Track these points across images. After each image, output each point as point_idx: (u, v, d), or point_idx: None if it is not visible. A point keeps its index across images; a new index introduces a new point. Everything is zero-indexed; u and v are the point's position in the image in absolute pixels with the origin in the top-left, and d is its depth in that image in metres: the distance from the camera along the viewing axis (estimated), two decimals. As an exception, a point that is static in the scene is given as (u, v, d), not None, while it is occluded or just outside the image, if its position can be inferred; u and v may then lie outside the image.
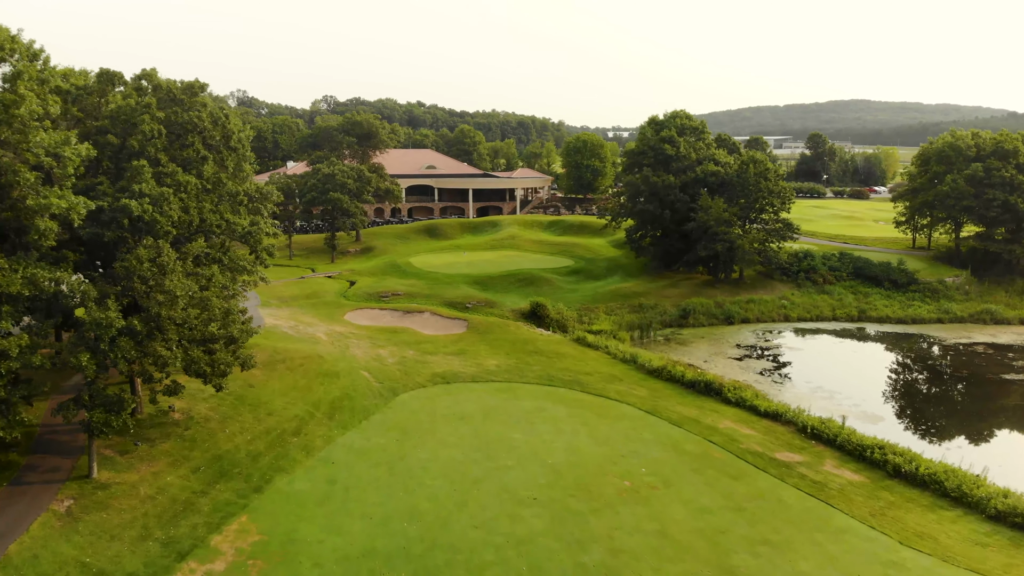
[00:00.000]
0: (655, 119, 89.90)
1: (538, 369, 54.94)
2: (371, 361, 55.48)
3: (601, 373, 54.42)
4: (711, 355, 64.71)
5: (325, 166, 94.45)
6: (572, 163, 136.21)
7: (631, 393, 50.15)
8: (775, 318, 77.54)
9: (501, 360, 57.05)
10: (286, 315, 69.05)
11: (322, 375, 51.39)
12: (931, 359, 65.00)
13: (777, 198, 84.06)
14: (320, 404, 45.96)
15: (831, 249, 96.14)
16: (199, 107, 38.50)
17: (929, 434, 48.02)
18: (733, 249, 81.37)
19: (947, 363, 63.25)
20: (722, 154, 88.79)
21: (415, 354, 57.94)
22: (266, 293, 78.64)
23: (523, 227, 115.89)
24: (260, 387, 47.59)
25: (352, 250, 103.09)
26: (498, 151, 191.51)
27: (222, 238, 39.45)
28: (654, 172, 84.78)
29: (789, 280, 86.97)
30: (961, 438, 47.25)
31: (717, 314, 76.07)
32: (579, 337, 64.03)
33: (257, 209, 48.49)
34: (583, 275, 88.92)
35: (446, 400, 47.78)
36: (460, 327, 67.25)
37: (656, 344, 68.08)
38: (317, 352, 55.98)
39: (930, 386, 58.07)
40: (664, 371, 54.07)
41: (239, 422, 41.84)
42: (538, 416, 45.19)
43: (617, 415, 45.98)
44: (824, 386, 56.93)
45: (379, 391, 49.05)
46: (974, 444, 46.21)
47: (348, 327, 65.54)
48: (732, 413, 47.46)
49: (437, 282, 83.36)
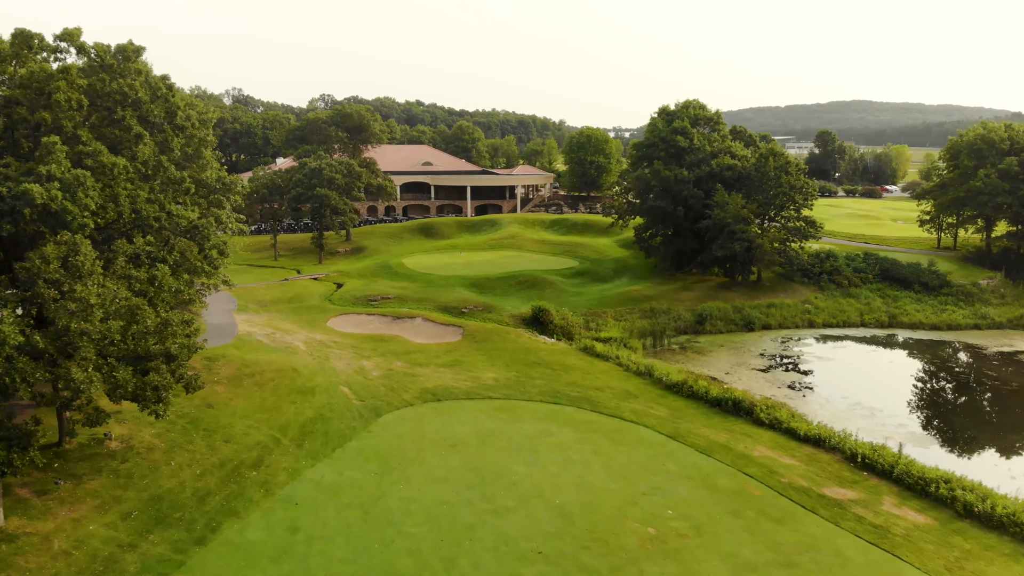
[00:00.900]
0: (666, 109, 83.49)
1: (542, 384, 48.49)
2: (353, 375, 49.03)
3: (613, 388, 47.95)
4: (733, 366, 58.27)
5: (312, 160, 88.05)
6: (575, 159, 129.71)
7: (649, 413, 43.67)
8: (799, 324, 71.11)
9: (500, 373, 50.62)
10: (263, 321, 62.61)
11: (295, 392, 44.97)
12: (976, 370, 58.51)
13: (799, 193, 77.60)
14: (289, 428, 39.49)
15: (851, 249, 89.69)
16: (133, 75, 32.06)
17: (994, 461, 41.58)
18: (752, 249, 75.00)
19: (994, 374, 56.80)
20: (738, 147, 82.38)
21: (403, 366, 51.48)
22: (245, 297, 72.27)
23: (524, 226, 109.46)
24: (220, 407, 41.13)
25: (341, 250, 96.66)
26: (498, 148, 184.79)
27: (166, 234, 32.94)
28: (665, 166, 78.35)
29: (811, 282, 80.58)
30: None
31: (736, 320, 69.64)
32: (586, 346, 57.58)
33: (219, 202, 42.11)
34: (589, 277, 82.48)
35: (436, 422, 41.30)
36: (455, 334, 60.80)
37: (671, 353, 61.60)
38: (292, 364, 49.55)
39: (982, 401, 51.64)
40: (685, 386, 47.60)
41: (189, 452, 35.36)
42: (543, 442, 38.71)
43: (634, 440, 39.50)
44: (863, 402, 50.55)
45: (359, 411, 42.58)
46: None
47: (330, 335, 59.09)
48: (767, 437, 40.98)
49: (431, 285, 76.93)
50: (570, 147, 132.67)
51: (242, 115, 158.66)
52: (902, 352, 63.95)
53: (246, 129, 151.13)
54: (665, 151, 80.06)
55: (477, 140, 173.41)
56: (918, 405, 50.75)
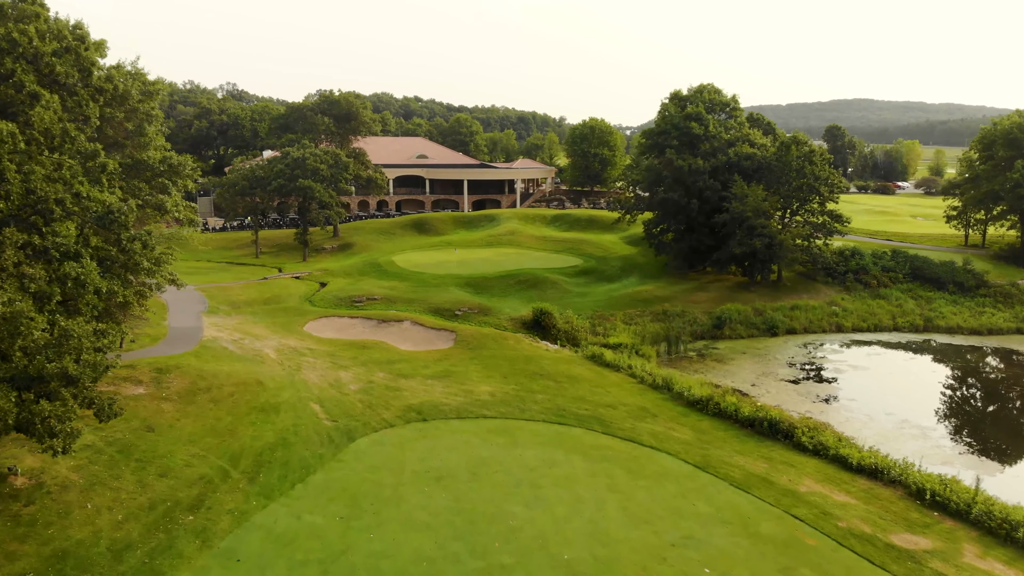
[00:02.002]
0: (678, 94, 76.95)
1: (544, 399, 41.98)
2: (327, 388, 42.52)
3: (627, 405, 41.44)
4: (759, 376, 51.80)
5: (295, 149, 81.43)
6: (578, 152, 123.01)
7: (671, 436, 37.16)
8: (826, 328, 64.66)
9: (496, 386, 44.12)
10: (232, 325, 56.10)
11: (256, 410, 38.47)
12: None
13: (824, 185, 71.14)
14: (242, 456, 32.98)
15: (874, 247, 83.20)
16: (29, 18, 25.53)
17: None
18: (773, 246, 68.49)
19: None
20: (757, 135, 75.94)
21: (386, 377, 44.98)
22: (217, 297, 65.80)
23: (524, 222, 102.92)
24: (163, 431, 34.62)
25: (328, 247, 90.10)
26: (497, 143, 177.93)
27: (80, 221, 26.34)
28: (678, 155, 71.83)
29: (835, 282, 74.13)
30: None
31: (757, 323, 63.16)
32: (594, 354, 51.10)
33: (163, 186, 35.57)
34: (594, 276, 75.99)
35: (420, 448, 34.78)
36: (446, 340, 54.31)
37: (688, 362, 55.13)
38: (257, 376, 43.05)
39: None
40: (711, 403, 41.10)
41: (112, 490, 28.85)
42: (547, 475, 32.20)
43: (657, 472, 32.99)
44: (910, 419, 44.16)
45: (329, 434, 36.07)
46: None
47: (306, 341, 52.58)
48: (813, 467, 34.51)
49: (422, 284, 70.41)
50: (572, 139, 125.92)
51: (230, 107, 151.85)
52: (943, 360, 57.47)
53: (234, 121, 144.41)
54: (678, 139, 73.55)
55: (475, 133, 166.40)
56: (974, 423, 44.32)
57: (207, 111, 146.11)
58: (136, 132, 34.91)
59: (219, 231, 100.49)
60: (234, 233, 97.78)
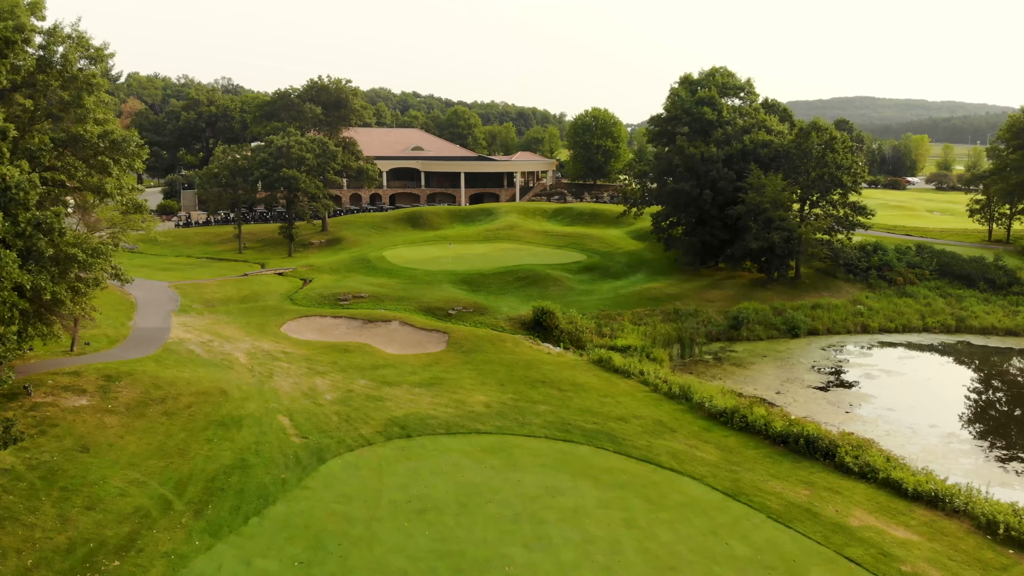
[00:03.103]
0: (688, 78, 71.79)
1: (547, 410, 36.94)
2: (299, 398, 37.47)
3: (641, 418, 36.38)
4: (783, 383, 46.79)
5: (279, 137, 76.29)
6: (580, 143, 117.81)
7: (694, 456, 32.12)
8: (851, 329, 59.62)
9: (492, 395, 39.07)
10: (203, 325, 51.07)
11: (215, 424, 33.46)
12: (1089, 389, 47.06)
13: (847, 175, 66.11)
14: (190, 483, 27.95)
15: (896, 242, 78.14)
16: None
17: None
18: (792, 240, 63.49)
19: (1115, 395, 45.39)
20: (773, 120, 70.82)
21: (368, 385, 39.93)
22: (191, 295, 60.77)
23: (524, 216, 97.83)
24: (101, 451, 29.60)
25: (315, 242, 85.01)
26: (495, 136, 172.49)
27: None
28: (690, 142, 66.76)
29: (857, 279, 69.12)
30: None
31: (777, 324, 58.11)
32: (601, 358, 46.05)
33: (103, 165, 30.52)
34: (599, 273, 70.93)
35: (401, 471, 29.75)
36: (438, 342, 49.28)
37: (705, 366, 50.11)
38: (221, 385, 38.03)
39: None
40: (736, 415, 36.04)
41: (25, 527, 23.81)
42: (551, 506, 27.16)
43: (680, 501, 27.94)
44: (957, 432, 39.20)
45: (297, 454, 31.03)
46: None
47: (282, 343, 47.53)
48: (861, 494, 29.47)
49: (414, 281, 65.37)
50: (574, 130, 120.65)
51: (219, 98, 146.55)
52: (982, 364, 52.44)
53: (223, 113, 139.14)
54: (689, 125, 68.47)
55: (473, 126, 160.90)
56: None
57: (195, 102, 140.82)
58: (73, 103, 29.89)
59: (203, 225, 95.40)
60: (218, 228, 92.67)
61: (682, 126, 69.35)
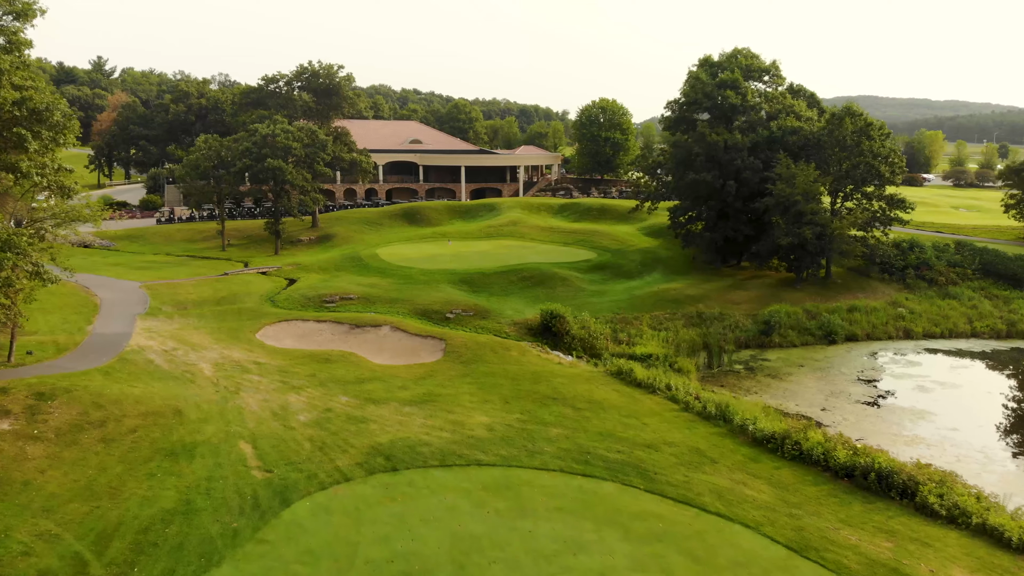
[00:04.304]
0: (708, 60, 65.90)
1: (561, 435, 31.11)
2: (268, 420, 31.67)
3: (674, 444, 30.54)
4: (828, 397, 40.98)
5: (264, 126, 70.48)
6: (587, 136, 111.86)
7: (743, 496, 26.27)
8: (892, 334, 53.81)
9: (496, 414, 33.26)
10: (170, 331, 45.29)
11: (162, 454, 27.70)
12: None
13: (885, 164, 60.27)
14: (116, 535, 22.16)
15: (931, 240, 72.22)
16: None
17: None
18: (824, 236, 57.67)
19: None
20: (801, 106, 64.93)
21: (350, 403, 34.13)
22: (163, 296, 55.07)
23: (528, 211, 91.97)
24: (12, 491, 23.86)
25: (305, 239, 79.21)
26: (497, 131, 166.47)
27: None
28: (712, 129, 60.90)
29: (892, 279, 63.25)
30: None
31: (812, 328, 52.33)
32: (620, 369, 40.18)
33: (19, 139, 24.72)
34: (611, 272, 65.08)
35: (384, 518, 23.92)
36: (433, 351, 43.47)
37: (736, 377, 44.31)
38: (176, 403, 32.27)
39: None
40: (787, 442, 30.19)
41: None
42: (572, 568, 21.35)
43: (734, 559, 22.10)
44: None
45: (256, 493, 25.24)
46: None
47: (255, 352, 41.71)
48: (955, 545, 23.63)
49: (409, 281, 59.56)
50: (581, 121, 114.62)
51: (209, 90, 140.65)
52: (1048, 375, 46.65)
53: (214, 105, 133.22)
54: (709, 111, 62.63)
55: (475, 120, 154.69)
56: None
57: (185, 95, 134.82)
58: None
59: (187, 221, 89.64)
60: (202, 224, 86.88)
61: (702, 112, 63.52)
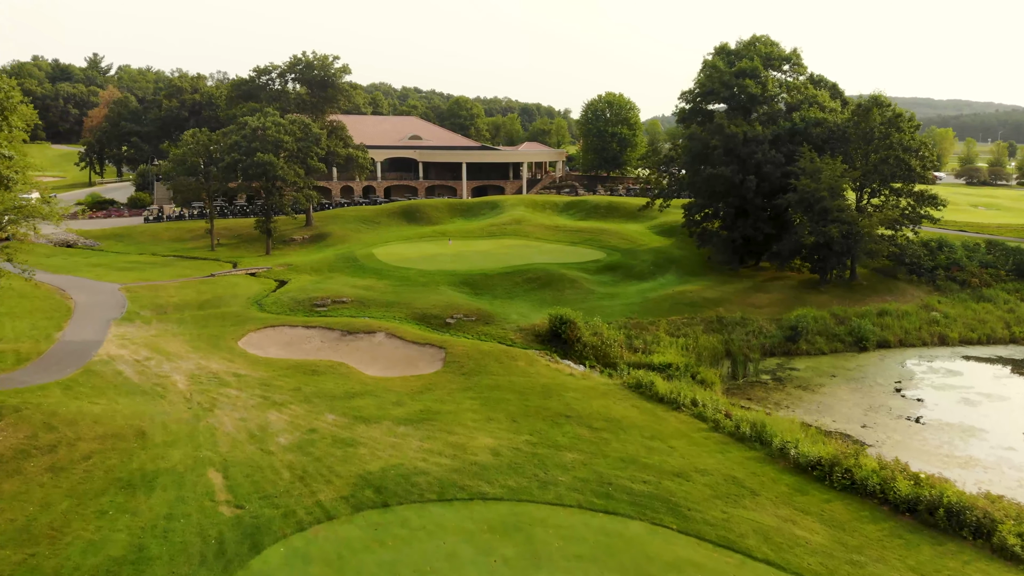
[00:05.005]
0: (725, 48, 62.08)
1: (576, 460, 27.29)
2: (243, 442, 27.88)
3: (707, 473, 26.70)
4: (867, 412, 37.17)
5: (254, 119, 66.69)
6: (593, 131, 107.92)
7: (793, 537, 22.43)
8: (926, 340, 50.02)
9: (502, 435, 29.45)
10: (145, 338, 41.51)
11: (118, 486, 23.98)
12: None
13: (915, 157, 56.48)
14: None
15: (960, 239, 68.37)
16: None
17: None
18: (851, 235, 53.88)
19: None
20: (824, 96, 61.11)
21: (337, 422, 30.33)
22: (143, 299, 51.36)
23: (532, 209, 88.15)
24: (-76, 539, 20.03)
25: (298, 238, 75.43)
26: (499, 128, 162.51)
27: None
28: (730, 120, 57.08)
29: (921, 280, 59.47)
30: None
31: (841, 334, 48.51)
32: (639, 382, 36.34)
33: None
34: (621, 273, 61.26)
35: (371, 567, 20.12)
36: (432, 361, 39.67)
37: (764, 389, 40.49)
38: (140, 423, 28.52)
39: None
40: (837, 470, 26.38)
41: None
42: (597, 636, 17.53)
43: (793, 625, 18.27)
44: (1109, 482, 29.52)
45: (222, 536, 21.45)
46: None
47: (236, 362, 37.90)
48: (1052, 602, 19.82)
49: (406, 283, 55.79)
50: (586, 116, 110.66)
51: (204, 86, 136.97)
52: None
53: (208, 101, 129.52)
54: (727, 101, 58.82)
55: (476, 116, 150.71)
56: None
57: (178, 90, 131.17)
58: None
59: (176, 220, 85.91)
60: (192, 222, 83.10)
61: (718, 102, 59.73)
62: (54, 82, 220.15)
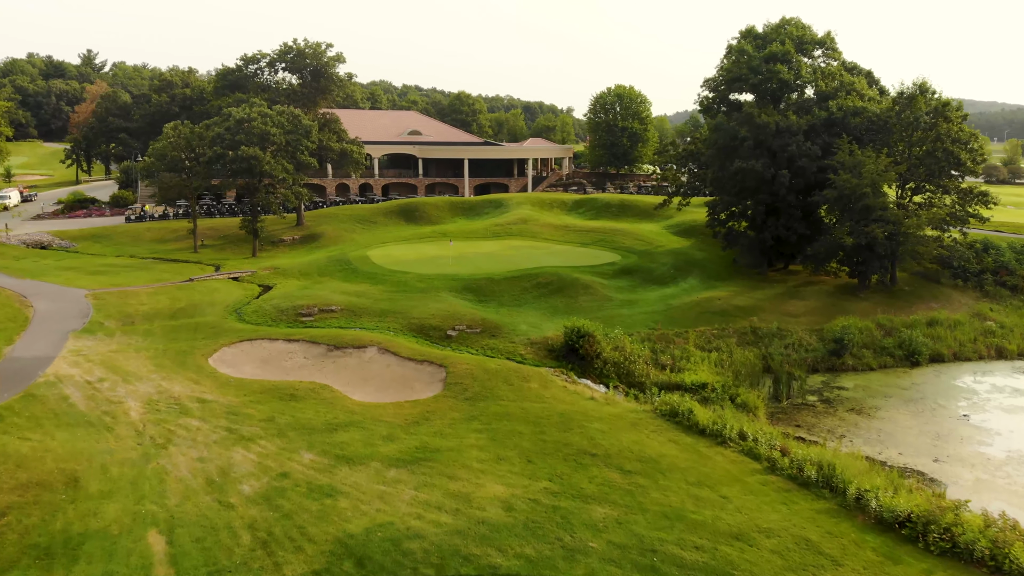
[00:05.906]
0: (752, 31, 56.80)
1: (608, 518, 22.05)
2: (198, 492, 22.67)
3: (772, 534, 21.44)
4: (935, 441, 31.98)
5: (239, 110, 61.47)
6: (602, 126, 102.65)
7: (901, 634, 17.18)
8: (982, 353, 44.86)
9: (516, 482, 24.21)
10: (103, 354, 36.30)
11: (33, 555, 18.81)
12: None
13: (965, 150, 51.24)
14: None
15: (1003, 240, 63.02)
16: None
17: None
18: (895, 236, 48.65)
19: None
20: (861, 83, 55.86)
21: (315, 463, 25.10)
22: (110, 307, 46.16)
23: (539, 208, 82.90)
24: None
25: (288, 238, 70.21)
26: (502, 124, 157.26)
27: None
28: (761, 109, 51.82)
29: (967, 286, 54.25)
30: None
31: (889, 347, 43.26)
32: (675, 410, 30.98)
33: None
34: (639, 277, 56.01)
35: None
36: (431, 382, 34.43)
37: (812, 414, 35.27)
38: (75, 467, 23.39)
39: None
40: (933, 529, 21.13)
41: None
42: None
43: None
44: None
45: (151, 637, 16.22)
46: None
47: (203, 384, 32.67)
48: None
49: (403, 289, 50.59)
50: (595, 109, 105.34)
51: (195, 80, 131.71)
52: None
53: (198, 95, 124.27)
54: (755, 88, 53.58)
55: (479, 112, 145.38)
56: None
57: (168, 84, 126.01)
58: None
59: (160, 219, 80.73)
60: (176, 222, 77.93)
61: (745, 90, 54.53)
62: (47, 79, 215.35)
